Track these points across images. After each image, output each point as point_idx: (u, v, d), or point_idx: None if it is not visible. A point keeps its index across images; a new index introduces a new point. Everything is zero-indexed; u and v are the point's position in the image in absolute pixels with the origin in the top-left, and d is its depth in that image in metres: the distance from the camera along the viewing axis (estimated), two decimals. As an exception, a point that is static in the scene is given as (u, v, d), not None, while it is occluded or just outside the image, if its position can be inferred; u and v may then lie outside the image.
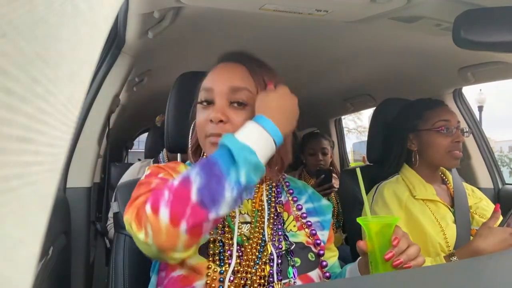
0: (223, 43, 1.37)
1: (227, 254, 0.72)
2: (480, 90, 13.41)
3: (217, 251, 0.72)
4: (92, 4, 0.19)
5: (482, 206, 1.25)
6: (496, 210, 1.03)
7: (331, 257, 0.86)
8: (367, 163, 1.56)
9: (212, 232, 0.74)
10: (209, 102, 0.79)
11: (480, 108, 12.76)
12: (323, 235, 0.84)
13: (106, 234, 1.86)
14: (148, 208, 0.61)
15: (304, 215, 0.84)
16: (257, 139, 0.66)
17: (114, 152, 3.66)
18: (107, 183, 1.85)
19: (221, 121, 0.75)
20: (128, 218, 0.67)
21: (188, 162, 0.88)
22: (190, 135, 0.87)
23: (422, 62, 1.53)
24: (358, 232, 1.22)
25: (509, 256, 0.62)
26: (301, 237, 0.80)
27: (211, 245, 0.72)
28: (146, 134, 2.87)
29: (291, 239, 0.79)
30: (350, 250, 1.67)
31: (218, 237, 0.74)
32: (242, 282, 0.71)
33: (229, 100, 0.77)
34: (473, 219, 1.21)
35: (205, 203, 0.59)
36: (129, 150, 4.46)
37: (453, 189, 1.25)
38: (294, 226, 0.82)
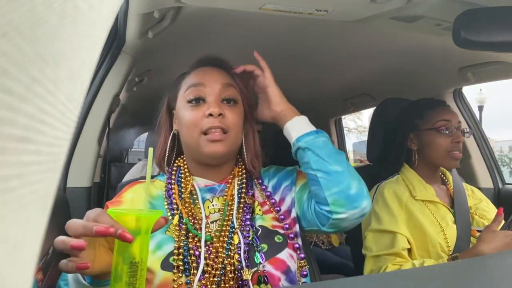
0: (223, 43, 1.37)
1: (193, 260, 0.72)
2: (480, 90, 13.40)
3: (180, 263, 0.71)
4: (92, 3, 0.19)
5: (482, 207, 1.25)
6: (499, 213, 1.03)
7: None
8: (367, 163, 1.56)
9: (177, 240, 0.74)
10: (198, 100, 0.81)
11: (480, 108, 12.75)
12: (291, 195, 0.85)
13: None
14: None
15: (268, 193, 0.86)
16: None
17: (114, 152, 3.65)
18: (107, 183, 1.84)
19: (220, 114, 0.78)
20: None
21: (159, 176, 0.89)
22: (159, 144, 0.87)
23: (422, 62, 1.53)
24: (358, 232, 1.22)
25: (509, 256, 0.62)
26: (267, 221, 0.81)
27: (175, 257, 0.72)
28: (146, 134, 2.87)
29: (257, 222, 0.80)
30: (350, 250, 1.67)
31: (182, 244, 0.73)
32: (216, 279, 0.71)
33: (221, 97, 0.81)
34: (473, 220, 1.22)
35: None
36: (129, 150, 4.46)
37: (453, 189, 1.25)
38: (260, 210, 0.83)
